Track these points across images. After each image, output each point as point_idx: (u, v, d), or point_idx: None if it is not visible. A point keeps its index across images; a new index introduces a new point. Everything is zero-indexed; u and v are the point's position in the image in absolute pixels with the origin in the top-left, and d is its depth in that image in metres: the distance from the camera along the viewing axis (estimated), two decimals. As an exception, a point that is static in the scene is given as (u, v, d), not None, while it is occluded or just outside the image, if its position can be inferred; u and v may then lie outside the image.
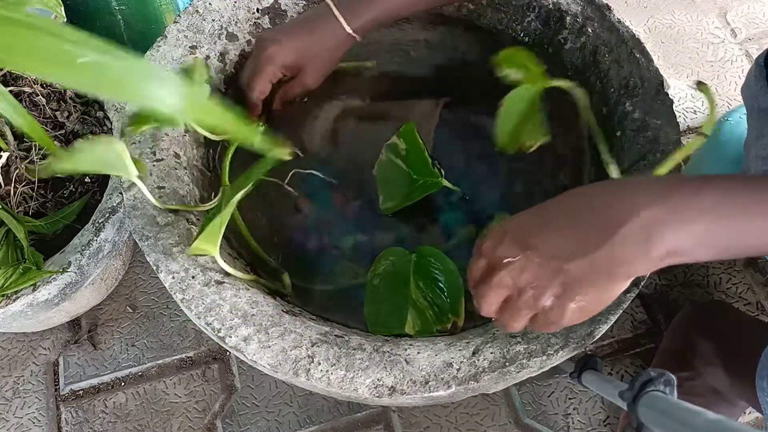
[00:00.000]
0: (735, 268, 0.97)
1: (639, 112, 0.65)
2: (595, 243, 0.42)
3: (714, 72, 1.16)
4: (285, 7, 0.78)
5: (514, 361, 0.52)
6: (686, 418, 0.43)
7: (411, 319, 0.59)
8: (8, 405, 0.89)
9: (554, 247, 0.44)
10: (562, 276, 0.44)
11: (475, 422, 0.85)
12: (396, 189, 0.66)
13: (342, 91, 0.76)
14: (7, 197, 0.76)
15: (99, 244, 0.76)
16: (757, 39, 1.20)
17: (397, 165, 0.67)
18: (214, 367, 0.91)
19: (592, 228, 0.43)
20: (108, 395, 0.89)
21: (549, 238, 0.45)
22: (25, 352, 0.93)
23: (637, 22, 1.23)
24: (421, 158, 0.65)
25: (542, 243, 0.45)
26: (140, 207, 0.60)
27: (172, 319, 0.94)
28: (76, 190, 0.80)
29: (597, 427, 0.86)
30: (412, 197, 0.65)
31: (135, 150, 0.64)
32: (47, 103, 0.83)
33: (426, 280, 0.60)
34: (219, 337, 0.53)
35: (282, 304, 0.59)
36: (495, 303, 0.47)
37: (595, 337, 0.53)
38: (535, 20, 0.75)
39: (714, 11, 1.24)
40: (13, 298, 0.72)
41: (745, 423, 0.84)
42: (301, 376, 0.52)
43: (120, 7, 0.94)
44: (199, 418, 0.87)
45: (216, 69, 0.73)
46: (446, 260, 0.60)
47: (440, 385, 0.51)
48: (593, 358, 0.65)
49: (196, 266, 0.57)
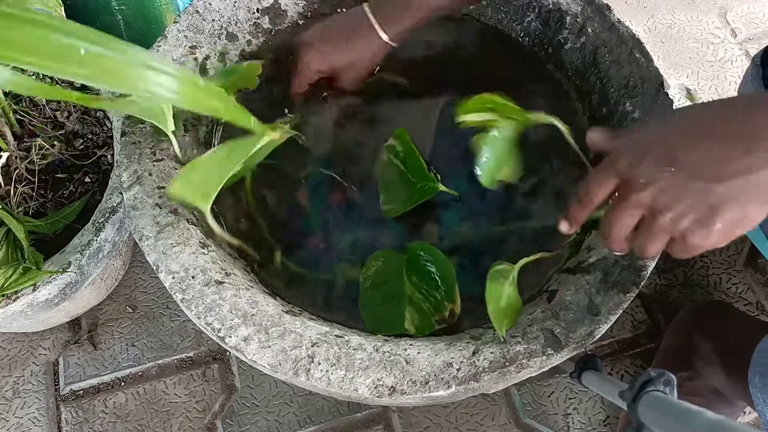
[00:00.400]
0: (735, 268, 0.97)
1: (639, 112, 0.65)
2: (753, 163, 0.40)
3: (714, 72, 1.16)
4: (285, 7, 0.78)
5: (514, 361, 0.52)
6: (686, 418, 0.43)
7: (409, 315, 0.59)
8: (8, 405, 0.89)
9: (704, 166, 0.41)
10: (712, 197, 0.41)
11: (475, 422, 0.86)
12: (396, 192, 0.66)
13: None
14: (7, 197, 0.76)
15: (99, 244, 0.76)
16: (757, 39, 1.20)
17: (396, 166, 0.67)
18: (214, 367, 0.91)
19: (750, 146, 0.40)
20: (108, 395, 0.89)
21: (698, 155, 0.41)
22: (25, 352, 0.93)
23: (637, 22, 1.23)
24: (417, 163, 0.65)
25: (690, 161, 0.41)
26: (140, 207, 0.60)
27: (172, 319, 0.94)
28: (76, 190, 0.81)
29: (597, 427, 0.86)
30: (412, 201, 0.65)
31: (134, 150, 0.64)
32: (47, 103, 0.83)
33: (419, 274, 0.61)
34: (219, 337, 0.53)
35: (282, 305, 0.59)
36: (629, 226, 0.44)
37: (595, 337, 0.53)
38: (535, 20, 0.75)
39: (714, 11, 1.24)
40: (13, 298, 0.72)
41: (744, 423, 0.84)
42: (301, 376, 0.52)
43: (120, 6, 0.94)
44: (199, 418, 0.87)
45: (216, 69, 0.73)
46: (435, 250, 0.61)
47: (440, 385, 0.51)
48: (593, 358, 0.65)
49: (196, 266, 0.57)
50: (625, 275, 0.55)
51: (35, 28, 0.31)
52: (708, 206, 0.41)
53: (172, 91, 0.33)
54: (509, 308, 0.57)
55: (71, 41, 0.31)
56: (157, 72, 0.33)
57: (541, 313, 0.55)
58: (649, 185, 0.43)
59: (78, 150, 0.82)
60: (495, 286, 0.55)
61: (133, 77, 0.33)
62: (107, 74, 0.32)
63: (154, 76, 0.33)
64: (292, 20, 0.78)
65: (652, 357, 0.88)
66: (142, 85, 0.33)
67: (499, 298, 0.56)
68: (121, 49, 0.32)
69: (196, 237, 0.59)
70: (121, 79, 0.32)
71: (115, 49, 0.32)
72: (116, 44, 0.32)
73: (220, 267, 0.58)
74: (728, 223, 0.41)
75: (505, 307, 0.56)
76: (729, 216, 0.41)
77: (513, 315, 0.57)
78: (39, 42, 0.31)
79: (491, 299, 0.55)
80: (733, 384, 0.74)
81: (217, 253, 0.60)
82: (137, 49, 0.33)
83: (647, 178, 0.43)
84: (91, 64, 0.31)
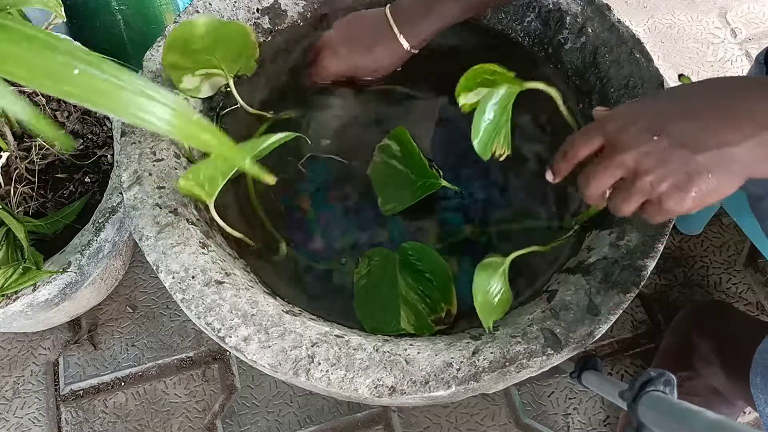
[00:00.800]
0: (735, 268, 0.97)
1: (639, 112, 0.65)
2: (735, 138, 0.42)
3: (714, 72, 1.16)
4: (285, 7, 0.78)
5: (514, 361, 0.52)
6: (686, 418, 0.43)
7: (405, 316, 0.59)
8: (8, 405, 0.89)
9: (688, 135, 0.43)
10: (692, 165, 0.43)
11: (475, 422, 0.86)
12: (396, 191, 0.66)
13: (343, 91, 0.76)
14: (8, 197, 0.76)
15: (99, 244, 0.76)
16: (757, 39, 1.20)
17: (394, 166, 0.67)
18: (214, 367, 0.91)
19: (734, 121, 0.43)
20: (108, 395, 0.89)
21: (683, 125, 0.44)
22: (25, 352, 0.93)
23: (637, 22, 1.23)
24: (418, 160, 0.65)
25: (675, 130, 0.44)
26: (140, 207, 0.60)
27: (172, 319, 0.94)
28: (76, 190, 0.81)
29: (597, 427, 0.86)
30: (414, 197, 0.65)
31: (134, 150, 0.64)
32: (47, 103, 0.83)
33: (414, 274, 0.60)
34: (219, 337, 0.53)
35: (282, 305, 0.59)
36: (606, 185, 0.47)
37: (595, 337, 0.53)
38: (535, 20, 0.75)
39: (714, 11, 1.24)
40: (14, 298, 0.72)
41: (744, 423, 0.84)
42: (301, 376, 0.52)
43: (120, 6, 0.94)
44: (199, 418, 0.87)
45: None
46: (429, 250, 0.61)
47: (440, 385, 0.51)
48: (593, 358, 0.65)
49: (196, 266, 0.57)
50: (625, 275, 0.55)
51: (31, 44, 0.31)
52: (687, 173, 0.43)
53: (165, 122, 0.33)
54: (498, 301, 0.57)
55: (66, 60, 0.31)
56: (152, 100, 0.33)
57: (541, 313, 0.55)
58: (633, 148, 0.45)
59: (78, 150, 0.82)
60: (483, 278, 0.56)
61: (126, 102, 0.32)
62: (100, 96, 0.32)
63: (148, 103, 0.33)
64: (292, 20, 0.78)
65: (652, 357, 0.88)
66: (134, 111, 0.33)
67: (487, 290, 0.56)
68: (116, 72, 0.32)
69: (196, 237, 0.59)
70: (113, 102, 0.32)
71: (110, 72, 0.32)
72: (111, 67, 0.32)
73: (220, 267, 0.58)
74: (702, 191, 0.44)
75: (493, 299, 0.56)
76: (704, 186, 0.43)
77: (502, 308, 0.57)
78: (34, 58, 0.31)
79: (478, 291, 0.55)
80: (732, 384, 0.74)
81: (217, 253, 0.60)
82: (134, 75, 0.33)
83: (633, 141, 0.45)
84: (84, 84, 0.31)
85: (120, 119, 0.34)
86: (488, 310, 0.55)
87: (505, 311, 0.58)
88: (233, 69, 0.70)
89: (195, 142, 0.35)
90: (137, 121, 0.33)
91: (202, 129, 0.35)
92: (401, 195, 0.66)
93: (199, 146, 0.36)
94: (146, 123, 0.33)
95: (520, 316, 0.57)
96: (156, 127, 0.33)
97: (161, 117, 0.33)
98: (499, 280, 0.56)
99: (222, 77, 0.70)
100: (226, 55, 0.69)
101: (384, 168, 0.67)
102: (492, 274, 0.56)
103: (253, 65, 0.73)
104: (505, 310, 0.58)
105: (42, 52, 0.31)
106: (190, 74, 0.68)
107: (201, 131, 0.35)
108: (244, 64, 0.72)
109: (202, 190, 0.57)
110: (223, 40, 0.68)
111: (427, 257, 0.60)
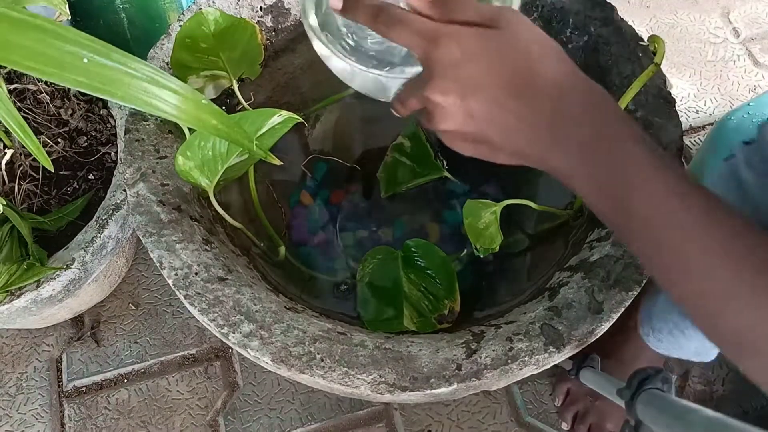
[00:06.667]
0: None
1: (641, 111, 0.65)
2: (541, 121, 0.40)
3: (716, 71, 1.16)
4: (288, 5, 0.78)
5: (516, 358, 0.52)
6: (684, 416, 0.43)
7: (408, 313, 0.59)
8: (12, 401, 0.89)
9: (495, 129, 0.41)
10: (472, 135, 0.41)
11: (477, 420, 0.86)
12: (398, 182, 0.67)
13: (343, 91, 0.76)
14: (12, 194, 0.76)
15: (102, 241, 0.77)
16: (760, 39, 1.20)
17: (402, 162, 0.67)
18: (217, 364, 0.91)
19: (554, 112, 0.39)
20: (111, 392, 0.90)
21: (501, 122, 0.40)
22: (28, 349, 0.93)
23: (640, 21, 1.23)
24: (424, 151, 0.65)
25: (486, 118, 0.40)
26: (144, 204, 0.60)
27: (175, 316, 0.94)
28: (79, 187, 0.81)
29: (598, 425, 0.86)
30: (412, 181, 0.65)
31: (138, 147, 0.64)
32: (51, 100, 0.83)
33: (416, 272, 0.61)
34: (222, 333, 0.54)
35: (285, 302, 0.59)
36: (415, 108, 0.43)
37: (597, 335, 0.53)
38: (537, 19, 0.76)
39: (716, 11, 1.24)
40: (17, 295, 0.72)
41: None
42: (304, 373, 0.52)
43: (124, 5, 0.94)
44: (202, 415, 0.88)
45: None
46: (433, 248, 0.61)
47: (442, 382, 0.51)
48: (591, 356, 0.65)
49: (200, 263, 0.57)
50: (627, 273, 0.55)
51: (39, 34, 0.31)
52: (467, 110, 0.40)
53: (173, 107, 0.33)
54: (488, 234, 0.58)
55: (74, 49, 0.31)
56: (160, 86, 0.33)
57: (544, 311, 0.56)
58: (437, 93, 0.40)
59: (82, 147, 0.83)
60: (474, 207, 0.57)
61: (135, 88, 0.33)
62: (109, 83, 0.32)
63: (157, 89, 0.33)
64: (295, 19, 0.79)
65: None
66: (143, 97, 0.33)
67: (478, 218, 0.57)
68: (124, 60, 0.33)
69: (199, 234, 0.60)
70: (122, 89, 0.33)
71: (118, 59, 0.32)
72: (119, 55, 0.33)
73: (223, 264, 0.58)
74: (480, 145, 0.42)
75: (480, 227, 0.57)
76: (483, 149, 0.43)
77: (491, 240, 0.58)
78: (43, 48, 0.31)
79: (469, 213, 0.56)
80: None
81: (220, 250, 0.60)
82: (142, 63, 0.33)
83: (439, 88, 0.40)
84: (93, 72, 0.32)
85: (129, 106, 0.34)
86: (476, 232, 0.57)
87: (494, 246, 0.59)
88: (237, 72, 0.70)
89: (203, 126, 0.35)
90: (146, 107, 0.33)
91: (210, 113, 0.36)
92: (401, 180, 0.66)
93: (207, 131, 0.37)
94: (155, 109, 0.33)
95: (522, 313, 0.57)
96: (164, 113, 0.33)
97: (170, 102, 0.33)
98: (490, 217, 0.58)
99: (226, 80, 0.70)
100: (231, 56, 0.69)
101: (393, 165, 0.68)
102: (483, 209, 0.57)
103: (258, 69, 0.73)
104: (493, 244, 0.59)
105: (51, 42, 0.31)
106: (195, 75, 0.69)
107: (209, 116, 0.35)
108: (248, 67, 0.72)
109: (201, 175, 0.56)
110: (229, 40, 0.68)
111: (430, 254, 0.61)
